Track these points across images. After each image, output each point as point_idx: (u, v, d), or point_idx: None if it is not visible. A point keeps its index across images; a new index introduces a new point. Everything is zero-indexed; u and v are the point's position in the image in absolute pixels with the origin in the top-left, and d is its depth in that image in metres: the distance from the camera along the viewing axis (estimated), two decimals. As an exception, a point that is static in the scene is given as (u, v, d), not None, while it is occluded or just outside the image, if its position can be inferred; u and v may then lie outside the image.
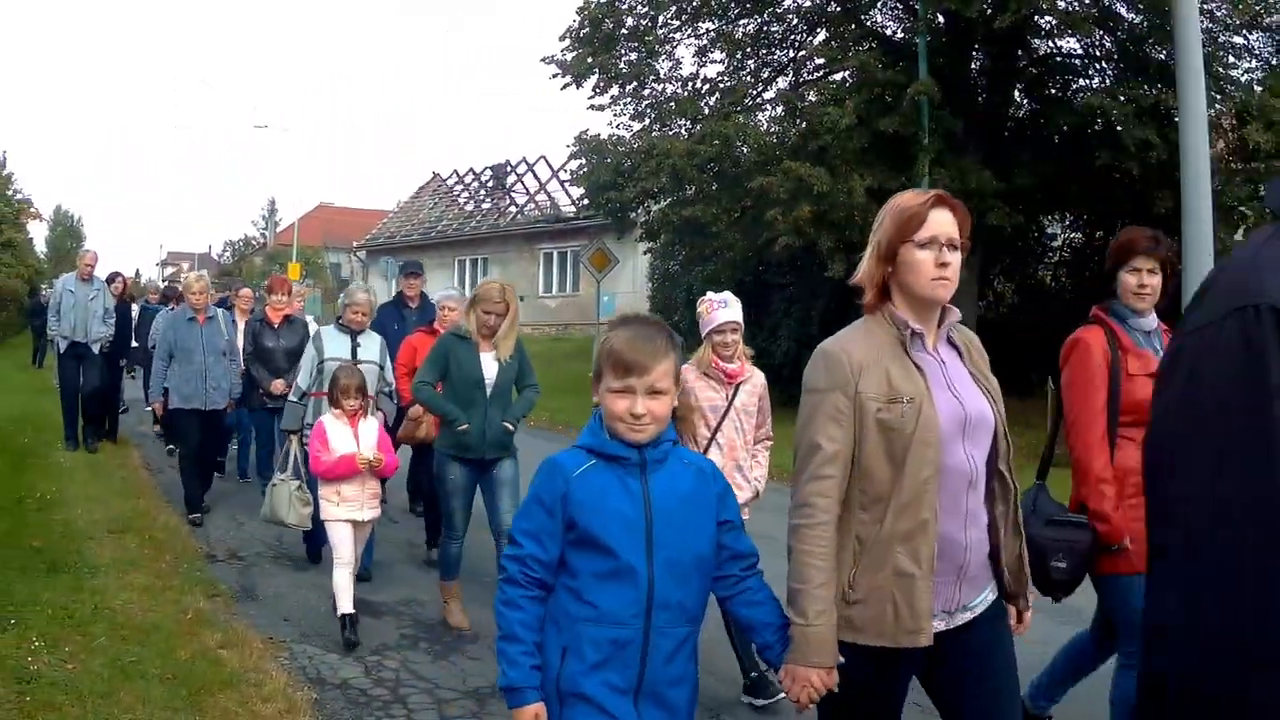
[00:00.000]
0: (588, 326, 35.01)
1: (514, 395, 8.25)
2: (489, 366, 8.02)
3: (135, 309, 17.91)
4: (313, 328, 11.66)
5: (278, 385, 11.35)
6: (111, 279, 16.45)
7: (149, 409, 15.09)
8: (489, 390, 7.96)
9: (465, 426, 7.87)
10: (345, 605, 7.53)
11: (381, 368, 9.43)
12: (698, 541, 3.40)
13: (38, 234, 66.51)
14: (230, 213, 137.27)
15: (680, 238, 24.96)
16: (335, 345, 9.32)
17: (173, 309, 14.29)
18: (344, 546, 7.67)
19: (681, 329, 28.14)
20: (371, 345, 9.46)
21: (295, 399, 9.31)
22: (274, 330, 11.84)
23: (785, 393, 11.18)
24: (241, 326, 12.52)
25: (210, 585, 8.60)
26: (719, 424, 6.65)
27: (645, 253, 29.96)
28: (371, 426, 7.96)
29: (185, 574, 8.77)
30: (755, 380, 6.83)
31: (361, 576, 8.54)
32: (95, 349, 14.87)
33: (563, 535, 3.33)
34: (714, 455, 6.41)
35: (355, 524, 7.79)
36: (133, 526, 10.26)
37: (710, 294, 6.89)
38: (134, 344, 16.96)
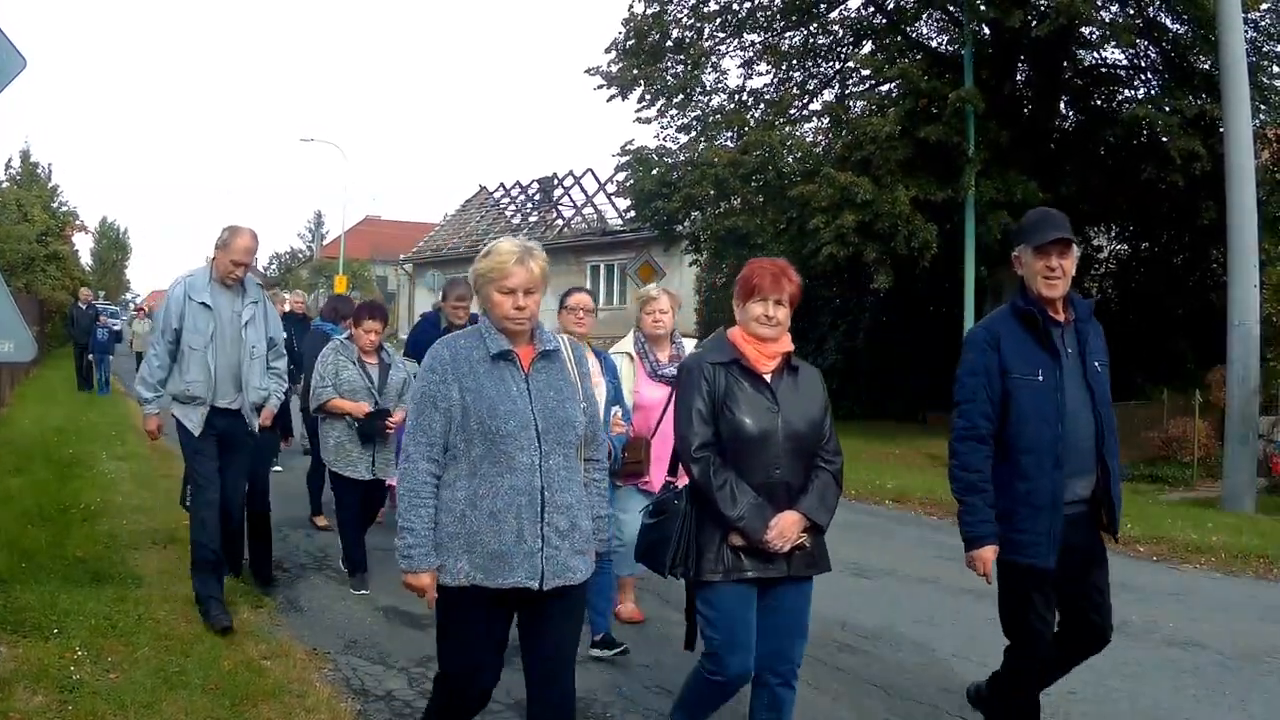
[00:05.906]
0: (634, 338, 34.93)
1: None
2: None
3: None
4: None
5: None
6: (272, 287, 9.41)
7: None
8: None
9: None
10: None
11: None
12: None
13: (83, 246, 66.88)
14: (276, 225, 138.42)
15: (724, 249, 24.97)
16: None
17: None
18: None
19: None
20: None
21: None
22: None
23: (834, 404, 11.10)
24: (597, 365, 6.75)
25: (255, 597, 8.59)
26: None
27: (691, 264, 30.00)
28: None
29: (230, 585, 8.75)
30: None
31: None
32: (254, 421, 7.83)
33: None
34: None
35: None
36: (178, 538, 10.22)
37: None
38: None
